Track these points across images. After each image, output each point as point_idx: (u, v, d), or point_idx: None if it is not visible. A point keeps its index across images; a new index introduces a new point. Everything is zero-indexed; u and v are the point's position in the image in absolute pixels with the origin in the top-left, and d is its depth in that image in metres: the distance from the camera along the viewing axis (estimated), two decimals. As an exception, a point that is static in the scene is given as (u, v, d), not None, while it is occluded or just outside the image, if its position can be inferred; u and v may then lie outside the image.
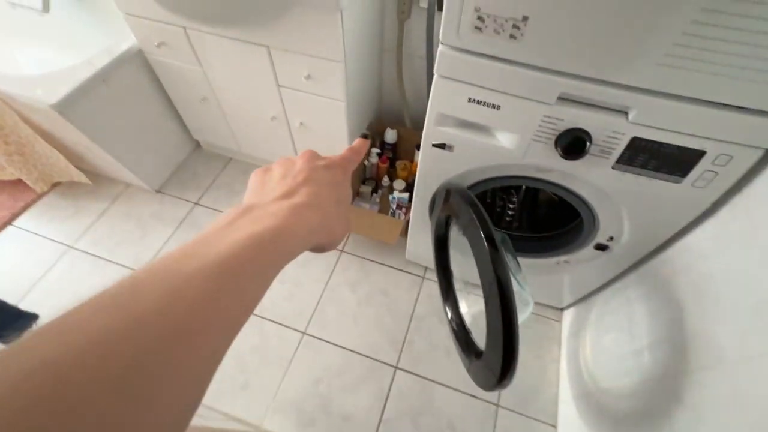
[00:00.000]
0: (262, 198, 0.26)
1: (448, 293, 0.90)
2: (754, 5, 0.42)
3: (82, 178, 1.40)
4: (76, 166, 1.38)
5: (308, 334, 1.19)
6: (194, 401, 0.17)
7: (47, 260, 1.32)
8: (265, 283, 0.22)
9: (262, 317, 1.22)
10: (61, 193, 1.49)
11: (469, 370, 0.79)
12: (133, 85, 1.26)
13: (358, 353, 1.16)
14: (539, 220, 1.07)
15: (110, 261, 1.33)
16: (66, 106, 1.06)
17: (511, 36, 0.55)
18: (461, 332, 0.84)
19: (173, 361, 0.16)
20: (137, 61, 1.23)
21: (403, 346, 1.18)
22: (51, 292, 1.24)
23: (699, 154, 0.60)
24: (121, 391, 0.14)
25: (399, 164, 1.46)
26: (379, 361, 1.15)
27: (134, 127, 1.32)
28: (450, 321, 0.87)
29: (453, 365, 1.14)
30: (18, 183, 1.42)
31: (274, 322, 1.21)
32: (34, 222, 1.42)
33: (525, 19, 0.52)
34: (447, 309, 0.88)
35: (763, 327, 0.51)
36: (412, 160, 1.46)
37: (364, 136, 0.37)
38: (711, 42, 0.47)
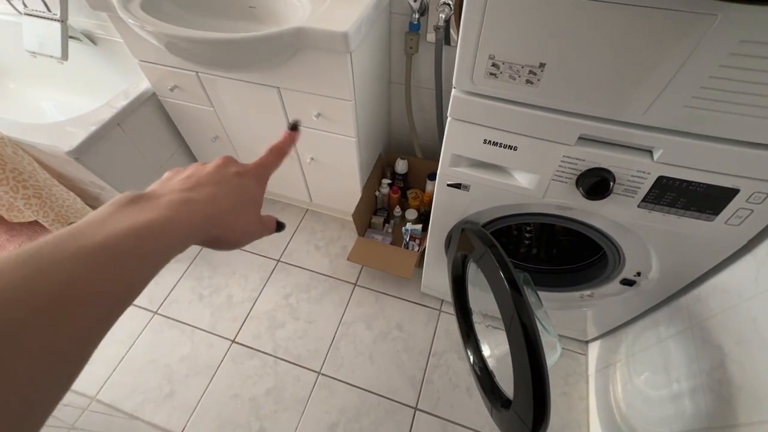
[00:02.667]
0: (158, 189, 0.26)
1: (469, 335, 0.86)
2: (766, 47, 0.41)
3: (97, 218, 1.41)
4: (91, 206, 1.40)
5: (324, 374, 1.16)
6: (56, 380, 0.17)
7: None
8: (146, 272, 0.21)
9: (276, 357, 1.19)
10: (77, 232, 1.51)
11: (493, 415, 0.75)
12: (147, 127, 1.28)
13: (375, 393, 1.12)
14: (560, 247, 1.03)
15: (124, 301, 1.32)
16: (82, 152, 1.08)
17: (528, 81, 0.54)
18: (485, 377, 0.80)
19: (31, 336, 0.16)
20: (151, 103, 1.26)
21: (422, 385, 1.13)
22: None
23: (732, 192, 0.57)
24: None
25: (410, 193, 1.45)
26: (397, 401, 1.10)
27: (148, 167, 1.34)
28: (473, 366, 0.83)
29: (475, 405, 1.09)
30: (34, 224, 1.44)
31: (288, 362, 1.18)
32: (50, 263, 1.43)
33: (542, 65, 0.51)
34: (468, 352, 0.85)
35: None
36: (423, 189, 1.45)
37: (293, 127, 0.35)
38: (739, 84, 0.45)
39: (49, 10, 1.30)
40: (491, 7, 0.47)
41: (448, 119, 0.66)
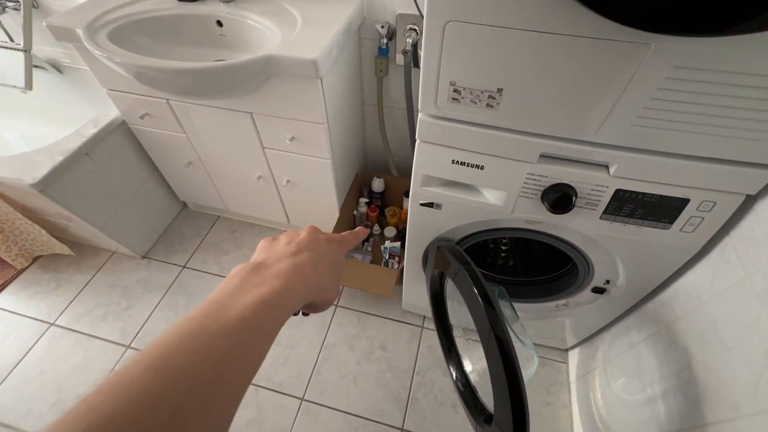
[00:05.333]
0: (269, 257, 0.30)
1: (451, 351, 0.87)
2: (700, 72, 0.45)
3: (64, 250, 1.36)
4: (58, 238, 1.34)
5: (307, 400, 1.13)
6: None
7: (26, 340, 1.25)
8: (272, 336, 0.26)
9: (257, 386, 1.15)
10: (43, 266, 1.44)
11: (476, 431, 0.75)
12: (117, 155, 1.26)
13: (361, 417, 1.10)
14: (534, 258, 1.06)
15: (94, 336, 1.26)
16: (47, 184, 1.05)
17: (488, 105, 0.56)
18: (468, 393, 0.80)
19: (203, 408, 0.20)
20: (121, 131, 1.24)
21: (407, 405, 1.12)
22: (28, 379, 1.17)
23: (683, 202, 0.61)
24: None
25: (388, 211, 1.46)
26: (383, 423, 1.09)
27: (119, 196, 1.30)
28: (455, 381, 0.83)
29: (461, 422, 1.09)
30: (-4, 258, 1.37)
31: (270, 389, 1.15)
32: (14, 299, 1.36)
33: (500, 90, 0.54)
34: (451, 368, 0.85)
35: (776, 380, 0.50)
36: (401, 206, 1.47)
37: (366, 226, 0.40)
38: (677, 104, 0.49)
39: (11, 39, 1.28)
40: (448, 38, 0.50)
41: (417, 141, 0.68)
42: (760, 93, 0.45)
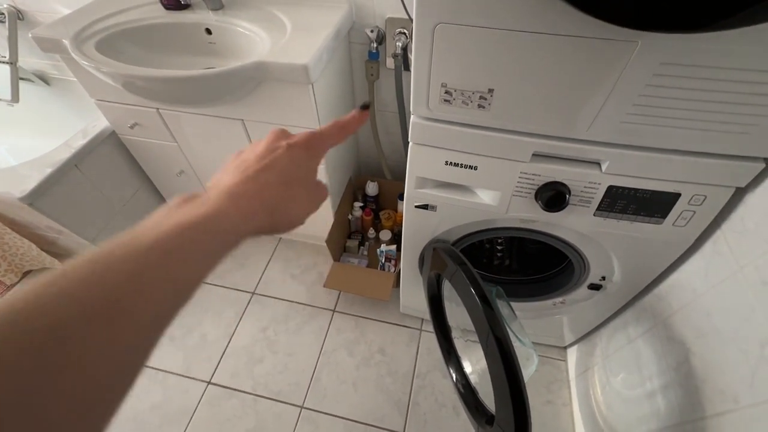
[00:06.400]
0: (212, 186, 0.27)
1: (450, 353, 0.86)
2: (687, 68, 0.45)
3: (55, 264, 1.34)
4: (48, 251, 1.32)
5: (306, 408, 1.12)
6: (121, 372, 0.18)
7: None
8: (199, 264, 0.23)
9: (255, 395, 1.14)
10: (33, 281, 1.41)
11: (480, 434, 0.74)
12: (107, 166, 1.24)
13: (361, 423, 1.09)
14: (530, 257, 1.06)
15: (87, 351, 1.24)
16: (36, 197, 1.04)
17: (480, 106, 0.57)
18: (468, 395, 0.80)
19: (94, 334, 0.17)
20: (111, 141, 1.22)
21: (408, 409, 1.11)
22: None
23: (675, 197, 0.61)
24: (39, 357, 0.15)
25: (383, 214, 1.46)
26: (384, 429, 1.08)
27: (109, 207, 1.29)
28: (456, 383, 0.83)
29: (463, 424, 1.08)
30: (-15, 275, 1.34)
31: (268, 398, 1.13)
32: (3, 316, 1.33)
33: (491, 91, 0.54)
34: (451, 370, 0.85)
35: (772, 370, 0.50)
36: (395, 209, 1.46)
37: (364, 107, 0.33)
38: (665, 100, 0.49)
39: (-3, 52, 1.26)
40: (438, 40, 0.50)
41: (410, 144, 0.68)
42: (746, 87, 0.46)
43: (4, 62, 1.24)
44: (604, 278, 0.83)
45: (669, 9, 0.34)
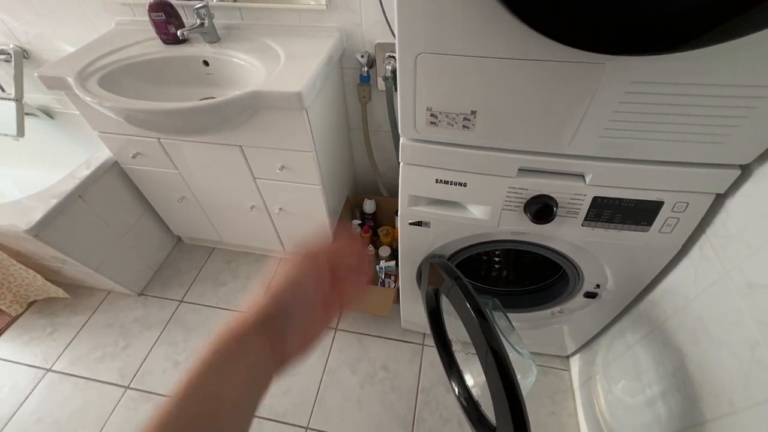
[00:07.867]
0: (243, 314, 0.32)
1: (452, 367, 0.87)
2: (657, 85, 0.48)
3: (59, 293, 1.36)
4: (52, 281, 1.34)
5: (311, 429, 1.11)
6: None
7: (23, 388, 1.23)
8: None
9: (260, 417, 1.14)
10: (38, 310, 1.43)
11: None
12: (110, 195, 1.27)
13: (367, 442, 1.08)
14: (526, 268, 1.07)
15: (92, 379, 1.24)
16: (41, 229, 1.06)
17: (464, 126, 0.59)
18: (471, 408, 0.80)
19: None
20: (114, 171, 1.26)
21: (413, 426, 1.11)
22: (26, 429, 1.14)
23: (658, 205, 0.63)
24: None
25: (381, 230, 1.48)
26: (390, 447, 1.07)
27: (113, 235, 1.31)
28: (458, 397, 0.83)
29: (469, 438, 1.07)
30: (-9, 307, 1.35)
31: (273, 420, 1.13)
32: (9, 347, 1.34)
33: (473, 112, 0.57)
34: (453, 384, 0.85)
35: (763, 371, 0.51)
36: (393, 225, 1.49)
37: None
38: (638, 115, 0.52)
39: (3, 90, 1.32)
40: (420, 68, 0.53)
41: (401, 164, 0.71)
42: (717, 100, 0.48)
43: (10, 99, 1.29)
44: (598, 286, 0.84)
45: (620, 36, 0.36)
